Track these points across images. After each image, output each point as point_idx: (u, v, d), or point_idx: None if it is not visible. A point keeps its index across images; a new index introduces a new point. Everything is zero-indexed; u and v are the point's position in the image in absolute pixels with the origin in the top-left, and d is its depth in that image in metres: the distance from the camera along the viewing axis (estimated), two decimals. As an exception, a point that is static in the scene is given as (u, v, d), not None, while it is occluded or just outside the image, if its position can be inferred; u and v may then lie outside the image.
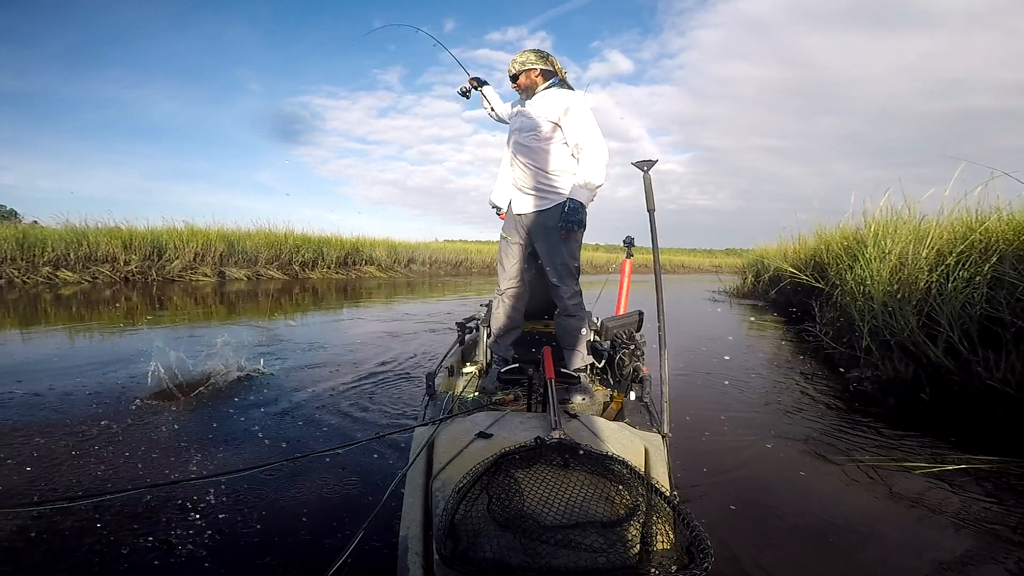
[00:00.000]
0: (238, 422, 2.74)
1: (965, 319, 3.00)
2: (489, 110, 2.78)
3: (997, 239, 3.78)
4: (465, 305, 8.98)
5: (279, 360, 4.18)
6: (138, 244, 11.21)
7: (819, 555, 1.72)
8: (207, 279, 11.70)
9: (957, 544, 1.77)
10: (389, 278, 15.98)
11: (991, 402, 2.60)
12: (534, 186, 2.35)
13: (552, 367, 1.91)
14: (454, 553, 1.00)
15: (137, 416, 2.76)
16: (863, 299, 4.09)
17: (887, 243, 4.29)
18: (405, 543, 1.19)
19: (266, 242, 13.58)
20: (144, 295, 8.82)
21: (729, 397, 3.56)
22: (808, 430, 2.85)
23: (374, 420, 2.83)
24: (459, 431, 1.50)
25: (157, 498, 1.85)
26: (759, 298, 11.15)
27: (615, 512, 1.10)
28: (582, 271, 2.44)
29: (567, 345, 2.41)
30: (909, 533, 1.86)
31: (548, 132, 2.29)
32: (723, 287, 13.03)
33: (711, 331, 6.73)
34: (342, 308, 8.47)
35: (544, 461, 1.24)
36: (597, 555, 0.99)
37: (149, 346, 3.65)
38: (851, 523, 1.91)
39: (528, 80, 2.37)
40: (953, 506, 2.00)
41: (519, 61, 2.37)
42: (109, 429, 2.54)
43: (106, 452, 2.30)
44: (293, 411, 2.94)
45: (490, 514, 1.08)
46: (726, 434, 2.81)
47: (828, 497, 2.11)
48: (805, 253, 8.24)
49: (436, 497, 1.25)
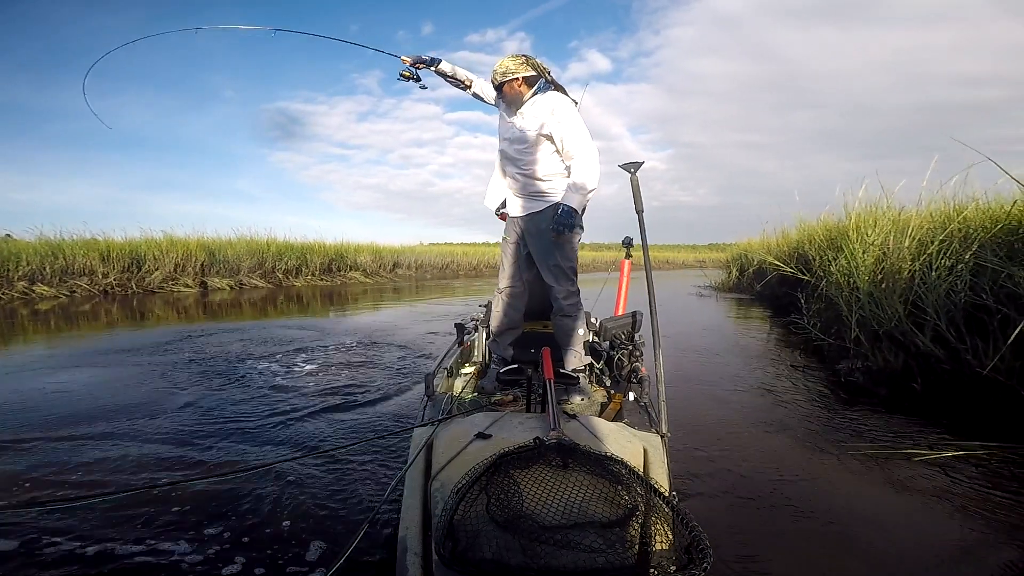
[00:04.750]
0: (239, 422, 2.75)
1: (950, 307, 3.06)
2: (464, 88, 2.55)
3: (976, 227, 3.87)
4: (468, 305, 8.97)
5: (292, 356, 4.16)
6: (116, 256, 10.96)
7: (822, 549, 1.73)
8: (189, 289, 11.48)
9: (959, 529, 1.80)
10: (375, 283, 15.84)
11: (981, 389, 2.65)
12: (527, 191, 2.36)
13: (551, 367, 1.90)
14: (453, 553, 1.00)
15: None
16: (849, 290, 4.15)
17: (870, 234, 4.36)
18: (404, 543, 1.20)
19: (248, 250, 13.35)
20: (124, 308, 8.63)
21: (723, 392, 3.58)
22: (803, 422, 2.88)
23: (374, 420, 2.85)
24: (458, 432, 1.50)
25: (157, 498, 1.86)
26: (744, 291, 11.29)
27: (614, 512, 1.10)
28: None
29: (565, 345, 2.42)
30: (911, 520, 1.88)
31: (537, 142, 2.27)
32: (708, 281, 13.15)
33: (700, 325, 6.78)
34: (352, 312, 8.38)
35: (543, 462, 1.25)
36: (596, 555, 0.99)
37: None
38: (853, 513, 1.92)
39: (512, 91, 2.26)
40: (952, 492, 2.03)
41: (499, 72, 2.25)
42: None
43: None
44: (295, 411, 2.96)
45: (489, 514, 1.08)
46: (723, 430, 2.83)
47: (829, 489, 2.13)
48: (788, 246, 8.35)
49: (435, 497, 1.25)
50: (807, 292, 5.46)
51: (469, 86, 2.56)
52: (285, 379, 3.74)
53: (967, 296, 3.06)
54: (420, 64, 2.55)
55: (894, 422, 2.79)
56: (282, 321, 7.22)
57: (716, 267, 15.39)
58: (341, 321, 7.35)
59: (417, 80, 2.57)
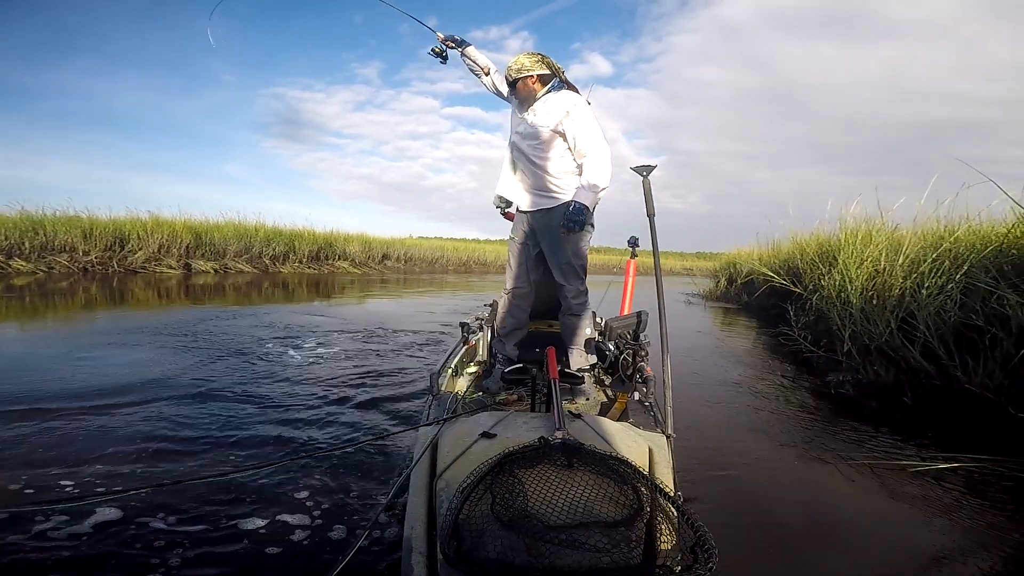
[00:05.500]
0: (239, 422, 2.70)
1: (940, 325, 3.09)
2: (481, 75, 2.55)
3: (966, 248, 3.93)
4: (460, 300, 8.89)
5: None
6: (99, 234, 10.72)
7: (823, 553, 1.75)
8: (172, 271, 11.28)
9: (953, 540, 1.82)
10: (363, 274, 15.71)
11: (971, 405, 2.68)
12: (539, 189, 2.35)
13: (556, 367, 1.90)
14: (458, 553, 0.99)
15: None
16: (841, 304, 4.19)
17: (865, 251, 4.41)
18: (409, 543, 1.19)
19: (235, 234, 13.18)
20: (103, 286, 8.43)
21: (715, 395, 3.60)
22: (799, 431, 2.90)
23: (378, 418, 2.81)
24: (463, 431, 1.50)
25: (157, 498, 1.83)
26: (731, 301, 11.38)
27: (619, 512, 1.10)
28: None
29: (571, 344, 2.43)
30: (908, 530, 1.91)
31: (550, 140, 2.28)
32: (697, 289, 13.26)
33: (693, 329, 6.82)
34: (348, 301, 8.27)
35: (548, 461, 1.24)
36: (601, 555, 0.99)
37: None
38: (853, 521, 1.94)
39: (526, 88, 2.30)
40: (947, 503, 2.06)
41: (514, 68, 2.29)
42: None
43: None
44: (297, 409, 2.90)
45: (494, 514, 1.07)
46: (716, 432, 2.84)
47: (829, 496, 2.15)
48: (779, 258, 8.43)
49: (440, 497, 1.25)
50: (797, 304, 5.51)
51: (488, 74, 2.55)
52: (282, 372, 3.65)
53: (956, 316, 3.09)
54: (451, 43, 2.53)
55: (886, 434, 2.82)
56: (268, 308, 7.10)
57: (704, 275, 15.50)
58: (339, 310, 7.25)
59: (445, 59, 2.58)
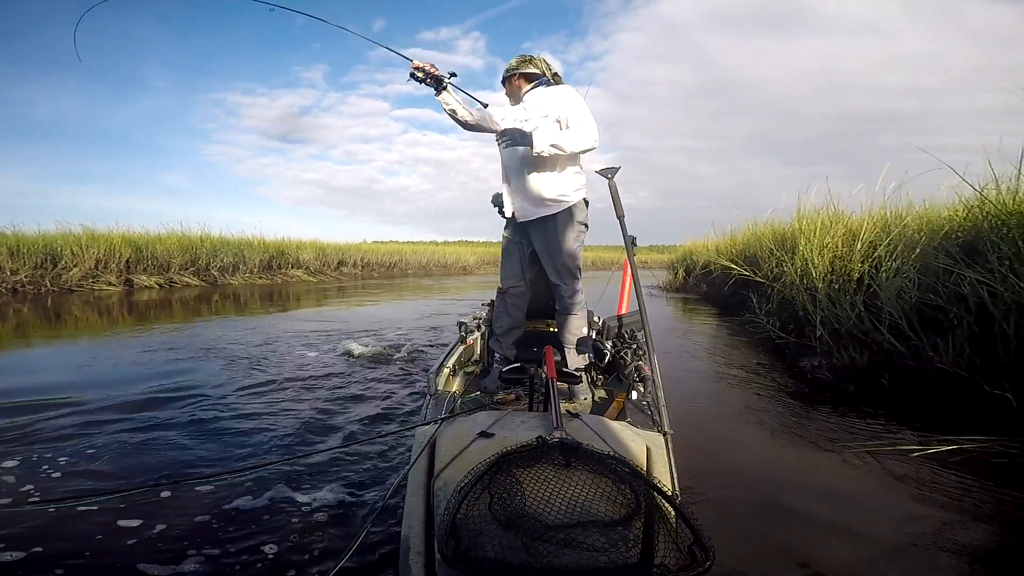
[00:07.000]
0: (238, 422, 2.71)
1: (903, 307, 3.25)
2: (460, 117, 2.27)
3: (914, 231, 4.19)
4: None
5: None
6: (28, 251, 9.87)
7: (827, 546, 1.73)
8: (112, 288, 10.52)
9: (958, 522, 1.85)
10: (319, 282, 15.20)
11: (947, 385, 2.79)
12: (530, 187, 2.32)
13: (553, 366, 1.90)
14: (456, 553, 1.00)
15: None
16: (807, 290, 4.36)
17: (825, 238, 4.62)
18: (407, 543, 1.21)
19: (179, 246, 12.43)
20: (37, 307, 7.78)
21: (701, 391, 3.64)
22: (789, 420, 2.93)
23: (376, 418, 2.84)
24: (461, 431, 1.50)
25: (157, 498, 1.85)
26: (689, 291, 11.75)
27: (617, 511, 1.11)
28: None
29: (568, 343, 2.42)
30: (913, 514, 1.92)
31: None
32: (656, 282, 13.55)
33: (661, 327, 6.94)
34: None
35: (546, 460, 1.25)
36: (599, 554, 1.00)
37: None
38: (857, 509, 1.96)
39: (511, 86, 2.42)
40: (950, 485, 2.09)
41: (506, 69, 2.43)
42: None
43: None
44: (293, 411, 2.91)
45: (492, 513, 1.08)
46: (714, 428, 2.87)
47: (830, 486, 2.17)
48: (736, 248, 8.73)
49: (438, 496, 1.27)
50: (759, 292, 5.70)
51: (464, 116, 2.29)
52: (274, 377, 3.65)
53: (916, 296, 3.27)
54: (427, 80, 2.21)
55: (873, 417, 2.87)
56: (220, 321, 6.75)
57: (660, 268, 15.90)
58: (334, 313, 6.96)
59: (431, 85, 2.22)
